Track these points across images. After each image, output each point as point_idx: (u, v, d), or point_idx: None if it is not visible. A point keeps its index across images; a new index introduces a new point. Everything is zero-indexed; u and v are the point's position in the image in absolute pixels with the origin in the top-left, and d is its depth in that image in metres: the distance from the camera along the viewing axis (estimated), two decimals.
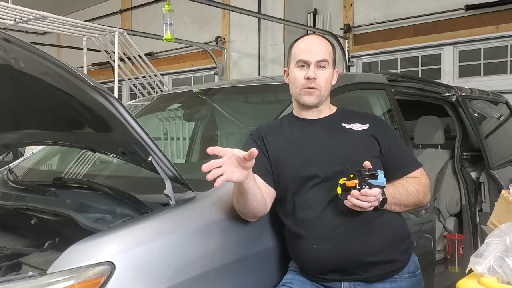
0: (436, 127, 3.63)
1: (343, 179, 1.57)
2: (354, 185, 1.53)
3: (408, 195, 1.72)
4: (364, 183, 1.53)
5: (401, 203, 1.70)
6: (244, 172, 1.46)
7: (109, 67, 6.85)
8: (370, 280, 1.65)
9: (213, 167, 1.40)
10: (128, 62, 6.18)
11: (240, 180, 1.47)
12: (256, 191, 1.57)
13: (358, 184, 1.53)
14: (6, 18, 4.64)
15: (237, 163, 1.44)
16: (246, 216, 1.65)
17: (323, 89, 1.76)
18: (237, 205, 1.62)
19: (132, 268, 1.42)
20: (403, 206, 1.72)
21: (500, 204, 2.09)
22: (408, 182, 1.75)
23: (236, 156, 1.44)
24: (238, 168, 1.44)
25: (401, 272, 1.69)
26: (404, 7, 6.17)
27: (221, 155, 1.43)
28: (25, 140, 2.42)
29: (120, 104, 1.47)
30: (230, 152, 1.43)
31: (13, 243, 1.83)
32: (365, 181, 1.53)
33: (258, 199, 1.59)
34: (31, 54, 1.46)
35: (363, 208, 1.54)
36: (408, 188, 1.73)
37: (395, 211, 1.71)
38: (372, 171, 1.54)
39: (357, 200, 1.52)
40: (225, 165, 1.41)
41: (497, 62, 5.66)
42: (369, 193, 1.52)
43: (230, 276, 1.61)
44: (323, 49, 1.78)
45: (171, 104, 3.06)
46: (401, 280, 1.69)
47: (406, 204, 1.73)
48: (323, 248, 1.63)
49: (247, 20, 6.67)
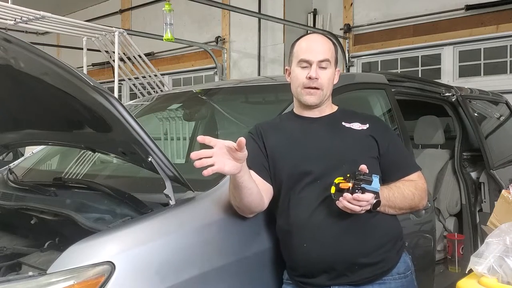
0: (436, 127, 3.63)
1: (339, 178, 1.56)
2: (348, 187, 1.52)
3: (403, 198, 1.70)
4: (358, 187, 1.51)
5: (395, 206, 1.69)
6: (237, 164, 1.44)
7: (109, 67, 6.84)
8: (358, 283, 1.63)
9: (203, 156, 1.38)
10: (128, 62, 6.18)
11: (232, 172, 1.45)
12: (251, 185, 1.56)
13: (352, 187, 1.52)
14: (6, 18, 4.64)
15: (229, 155, 1.43)
16: (242, 212, 1.64)
17: (325, 89, 1.76)
18: (233, 201, 1.62)
19: (132, 268, 1.42)
20: (397, 209, 1.71)
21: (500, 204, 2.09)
22: (404, 185, 1.73)
23: (228, 147, 1.42)
24: (230, 160, 1.43)
25: (390, 273, 1.67)
26: (404, 7, 6.17)
27: (212, 145, 1.41)
28: (25, 140, 2.42)
29: (120, 104, 1.47)
30: (221, 143, 1.42)
31: (13, 243, 1.83)
32: (359, 186, 1.52)
33: (254, 194, 1.58)
34: (31, 54, 1.46)
35: (353, 211, 1.53)
36: (404, 191, 1.71)
37: (389, 213, 1.69)
38: (367, 176, 1.53)
39: (348, 203, 1.51)
40: (216, 155, 1.40)
41: (497, 62, 5.65)
42: (361, 198, 1.50)
43: (230, 276, 1.61)
44: (325, 48, 1.77)
45: (171, 104, 3.05)
46: (390, 282, 1.66)
47: (401, 207, 1.71)
48: (313, 247, 1.62)
49: (247, 20, 6.67)
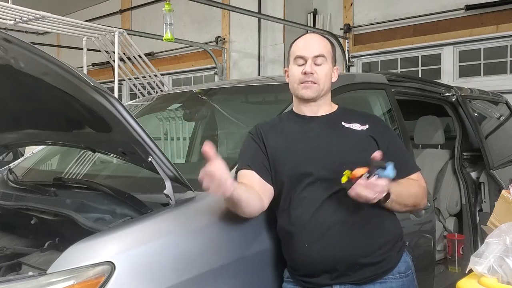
0: (436, 127, 3.63)
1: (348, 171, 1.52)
2: (362, 174, 1.48)
3: (409, 195, 1.71)
4: (374, 172, 1.47)
5: (402, 201, 1.69)
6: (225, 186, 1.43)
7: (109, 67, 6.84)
8: (360, 282, 1.63)
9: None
10: (128, 62, 6.18)
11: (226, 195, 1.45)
12: (247, 195, 1.56)
13: (368, 172, 1.47)
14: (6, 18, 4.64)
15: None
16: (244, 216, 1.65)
17: (321, 83, 1.75)
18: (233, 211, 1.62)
19: (132, 268, 1.42)
20: (403, 206, 1.71)
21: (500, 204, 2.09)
22: (409, 182, 1.74)
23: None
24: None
25: (391, 272, 1.67)
26: (404, 7, 6.17)
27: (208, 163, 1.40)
28: (25, 140, 2.42)
29: (120, 104, 1.47)
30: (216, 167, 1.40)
31: (13, 243, 1.83)
32: (374, 171, 1.47)
33: (252, 203, 1.59)
34: (31, 54, 1.46)
35: (367, 199, 1.49)
36: (410, 188, 1.72)
37: (394, 209, 1.69)
38: (381, 162, 1.50)
39: (362, 189, 1.47)
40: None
41: (497, 62, 5.65)
42: (377, 183, 1.47)
43: (230, 276, 1.61)
44: (321, 45, 1.78)
45: (171, 104, 3.05)
46: (391, 281, 1.67)
47: (406, 203, 1.72)
48: (315, 247, 1.62)
49: (247, 20, 6.67)
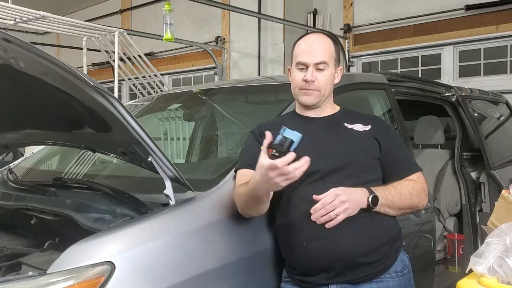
0: (436, 127, 3.63)
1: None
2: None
3: (401, 197, 1.69)
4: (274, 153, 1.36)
5: (394, 205, 1.68)
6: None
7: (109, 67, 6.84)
8: (357, 281, 1.64)
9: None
10: (128, 62, 6.18)
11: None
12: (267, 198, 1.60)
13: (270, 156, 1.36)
14: (6, 18, 4.64)
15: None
16: (246, 215, 1.66)
17: (322, 90, 1.76)
18: (243, 207, 1.64)
19: (132, 268, 1.42)
20: (397, 209, 1.70)
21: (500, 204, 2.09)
22: (401, 184, 1.73)
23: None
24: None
25: (388, 271, 1.68)
26: (404, 7, 6.17)
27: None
28: (25, 140, 2.42)
29: (120, 104, 1.47)
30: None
31: (13, 243, 1.83)
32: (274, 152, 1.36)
33: (268, 202, 1.62)
34: (31, 54, 1.46)
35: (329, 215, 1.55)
36: (401, 190, 1.70)
37: (390, 214, 1.69)
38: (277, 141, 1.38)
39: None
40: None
41: (497, 62, 5.65)
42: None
43: (229, 276, 1.61)
44: (324, 49, 1.77)
45: (171, 104, 3.05)
46: (387, 280, 1.67)
47: (400, 206, 1.70)
48: (313, 246, 1.62)
49: (247, 20, 6.67)
